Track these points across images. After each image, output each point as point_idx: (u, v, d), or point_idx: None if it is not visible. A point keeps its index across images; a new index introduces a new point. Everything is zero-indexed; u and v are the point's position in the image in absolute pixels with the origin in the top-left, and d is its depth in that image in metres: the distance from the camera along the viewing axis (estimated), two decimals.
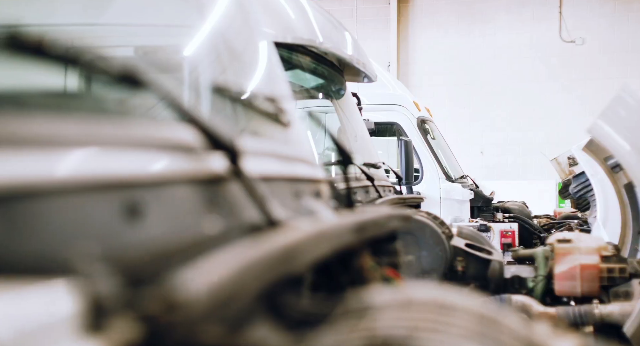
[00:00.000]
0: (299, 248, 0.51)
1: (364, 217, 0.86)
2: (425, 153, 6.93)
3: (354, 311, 0.54)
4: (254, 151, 0.78)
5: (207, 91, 0.83)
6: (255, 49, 1.24)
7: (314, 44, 2.96)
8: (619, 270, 2.73)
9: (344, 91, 3.87)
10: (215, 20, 1.20)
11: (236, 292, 0.41)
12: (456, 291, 0.68)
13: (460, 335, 0.51)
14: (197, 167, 0.58)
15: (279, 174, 0.87)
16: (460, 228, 3.13)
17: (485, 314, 0.58)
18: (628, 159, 2.33)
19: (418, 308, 0.55)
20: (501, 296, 2.91)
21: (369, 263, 1.12)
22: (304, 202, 0.98)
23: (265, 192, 0.69)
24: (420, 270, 2.75)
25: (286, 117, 1.06)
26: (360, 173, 3.16)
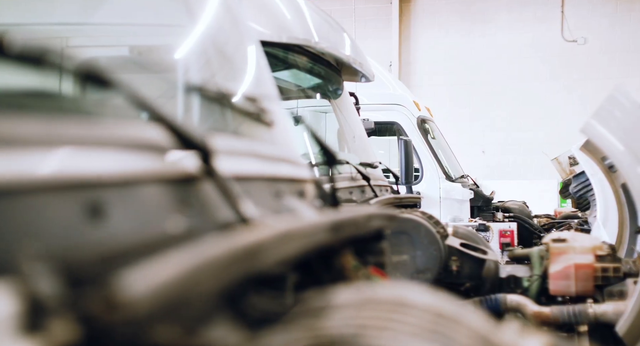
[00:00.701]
0: (263, 246, 0.52)
1: (341, 216, 0.87)
2: (425, 152, 6.94)
3: (310, 310, 0.55)
4: (229, 150, 0.78)
5: (186, 90, 0.84)
6: (240, 49, 1.25)
7: (309, 44, 2.97)
8: (613, 269, 2.73)
9: (341, 91, 3.88)
10: (197, 19, 1.21)
11: (185, 292, 0.41)
12: (423, 290, 0.69)
13: (410, 332, 0.51)
14: (165, 167, 0.59)
15: (258, 173, 0.88)
16: (455, 228, 3.13)
17: (445, 313, 0.59)
18: (621, 159, 2.33)
19: (375, 307, 0.56)
20: (496, 295, 2.91)
21: (351, 262, 1.13)
22: (285, 201, 0.99)
23: (237, 191, 0.69)
24: (414, 270, 2.75)
25: (269, 117, 1.07)
26: (356, 173, 3.16)
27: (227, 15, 1.31)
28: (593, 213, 6.42)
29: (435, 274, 2.75)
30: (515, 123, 13.38)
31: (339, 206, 1.33)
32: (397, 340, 0.49)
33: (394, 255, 2.77)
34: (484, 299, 2.92)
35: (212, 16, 1.28)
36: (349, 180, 3.12)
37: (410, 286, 0.68)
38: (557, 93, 12.72)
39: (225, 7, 1.29)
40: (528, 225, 6.93)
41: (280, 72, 3.34)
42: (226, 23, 1.30)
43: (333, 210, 1.07)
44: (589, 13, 12.64)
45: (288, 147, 1.17)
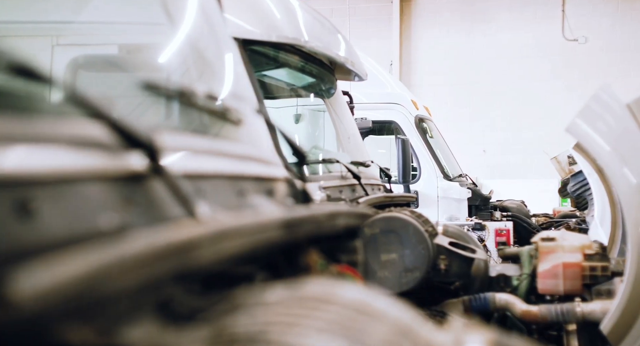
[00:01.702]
0: (194, 244, 0.53)
1: (297, 214, 0.88)
2: (422, 151, 6.95)
3: (229, 308, 0.55)
4: (184, 148, 0.79)
5: (145, 89, 0.85)
6: (210, 48, 1.26)
7: (299, 43, 2.98)
8: (601, 268, 2.73)
9: (334, 90, 3.89)
10: (168, 17, 1.22)
11: (90, 290, 0.42)
12: (358, 288, 0.69)
13: (320, 328, 0.52)
14: (105, 164, 0.60)
15: (217, 171, 0.89)
16: (445, 227, 3.13)
17: (367, 310, 0.59)
18: (607, 160, 2.33)
19: (298, 304, 0.57)
20: (485, 294, 2.92)
21: (317, 260, 1.14)
22: (248, 200, 1.00)
23: (186, 189, 0.70)
24: (402, 268, 2.76)
25: (236, 116, 1.08)
26: (347, 172, 3.18)
27: (201, 15, 1.32)
28: (591, 213, 6.41)
29: (423, 273, 2.75)
30: (516, 122, 13.36)
31: (310, 204, 1.35)
32: (302, 335, 0.50)
33: (382, 253, 2.78)
34: (473, 298, 2.92)
35: (184, 15, 1.29)
36: (339, 179, 3.14)
37: (347, 284, 0.69)
38: (557, 92, 12.70)
39: (200, 7, 1.31)
40: (526, 224, 6.94)
41: (271, 71, 3.36)
42: (198, 22, 1.31)
43: (298, 208, 1.08)
44: (589, 12, 12.61)
45: (257, 146, 1.18)
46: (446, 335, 0.72)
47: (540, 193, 11.68)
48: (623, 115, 2.28)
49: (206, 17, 1.32)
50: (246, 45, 2.83)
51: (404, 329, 0.59)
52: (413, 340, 0.57)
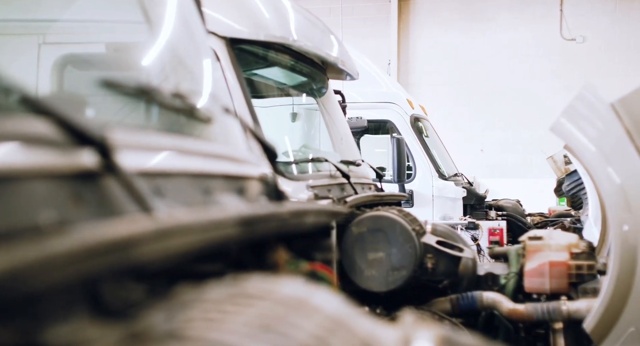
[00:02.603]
0: (134, 240, 0.53)
1: (257, 211, 0.89)
2: (418, 151, 6.95)
3: (159, 305, 0.56)
4: (143, 146, 0.80)
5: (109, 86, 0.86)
6: (185, 47, 1.27)
7: (287, 42, 2.99)
8: (587, 267, 2.74)
9: (325, 89, 3.89)
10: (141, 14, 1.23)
11: (6, 286, 0.42)
12: (299, 284, 0.70)
13: (243, 323, 0.52)
14: (50, 161, 0.61)
15: (180, 169, 0.89)
16: (434, 226, 3.14)
17: (299, 305, 0.60)
18: (591, 160, 2.34)
19: (227, 300, 0.57)
20: (472, 293, 2.93)
21: (284, 257, 1.15)
22: (214, 198, 1.01)
23: (139, 186, 0.71)
24: (390, 267, 2.77)
25: (206, 114, 1.09)
26: (336, 171, 3.18)
27: (176, 12, 1.33)
28: (585, 212, 6.42)
29: (410, 271, 2.76)
30: (514, 122, 13.37)
31: (284, 201, 1.35)
32: (223, 331, 0.51)
33: (370, 252, 2.79)
34: (460, 296, 2.93)
35: (159, 13, 1.30)
36: (328, 178, 3.14)
37: (288, 281, 0.70)
38: (556, 92, 12.69)
39: (175, 4, 1.32)
40: (521, 223, 6.94)
41: (262, 69, 3.37)
42: (173, 20, 1.32)
43: (263, 206, 1.08)
44: (588, 12, 12.61)
45: (228, 144, 1.19)
46: (395, 332, 0.73)
47: (539, 193, 11.68)
48: (607, 115, 2.28)
49: (182, 15, 1.32)
50: (234, 43, 2.84)
51: (336, 325, 0.59)
52: (344, 337, 0.58)
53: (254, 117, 2.77)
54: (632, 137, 2.26)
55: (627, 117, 2.27)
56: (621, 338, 2.23)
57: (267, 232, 0.95)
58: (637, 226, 2.24)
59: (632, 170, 2.28)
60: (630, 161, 2.27)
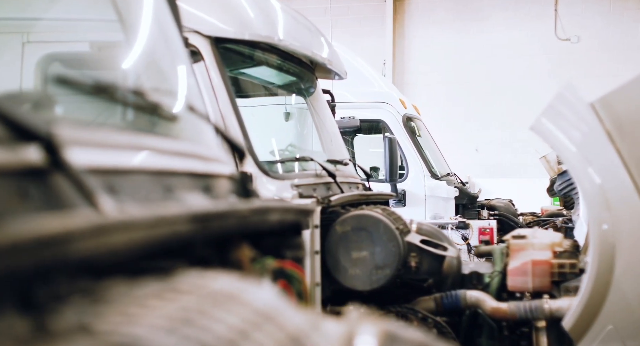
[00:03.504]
0: (67, 235, 0.54)
1: (212, 208, 0.89)
2: (410, 150, 6.95)
3: (81, 301, 0.56)
4: (92, 142, 0.81)
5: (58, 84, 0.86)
6: (155, 45, 1.28)
7: (272, 41, 3.00)
8: (569, 265, 2.76)
9: (314, 89, 3.90)
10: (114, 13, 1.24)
11: None
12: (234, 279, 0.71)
13: (163, 316, 0.53)
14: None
15: (137, 167, 0.90)
16: (420, 225, 3.15)
17: (225, 299, 0.60)
18: (571, 159, 2.35)
19: (151, 295, 0.58)
20: (456, 291, 2.94)
21: (248, 255, 1.16)
22: (176, 195, 1.02)
23: (88, 183, 0.72)
24: (373, 266, 2.78)
25: (172, 113, 1.10)
26: (322, 170, 3.19)
27: (146, 12, 1.34)
28: (577, 211, 6.43)
29: (394, 270, 2.77)
30: (510, 121, 13.38)
31: (251, 199, 1.36)
32: (137, 325, 0.51)
33: (354, 251, 2.80)
34: (444, 295, 2.95)
35: (130, 11, 1.31)
36: (313, 177, 3.15)
37: (223, 276, 0.70)
38: (551, 92, 12.67)
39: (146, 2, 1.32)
40: (513, 223, 6.96)
41: (248, 69, 3.37)
42: (144, 18, 1.33)
43: (226, 203, 1.09)
44: (582, 11, 12.64)
45: (196, 142, 1.20)
46: (339, 327, 0.74)
47: (534, 192, 11.70)
48: (587, 114, 2.30)
49: (153, 14, 1.33)
50: (219, 43, 2.85)
51: (263, 320, 0.60)
52: (270, 331, 0.58)
53: (238, 116, 2.77)
54: (613, 139, 2.28)
55: (607, 118, 2.28)
56: (599, 335, 2.25)
57: (225, 229, 0.96)
58: (616, 225, 2.26)
59: (611, 170, 2.29)
60: (610, 161, 2.29)
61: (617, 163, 2.26)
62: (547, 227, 6.51)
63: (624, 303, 2.22)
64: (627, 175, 2.24)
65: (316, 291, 2.76)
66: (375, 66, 12.87)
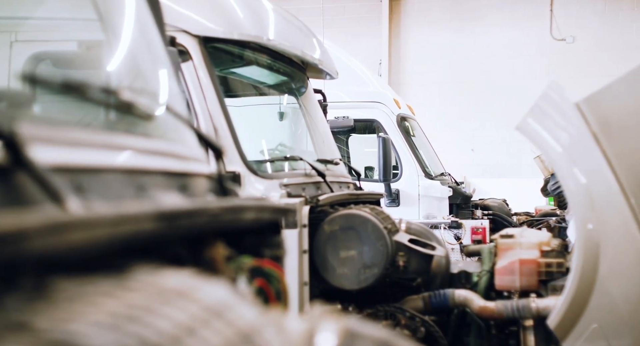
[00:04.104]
0: (20, 232, 0.54)
1: (181, 206, 0.90)
2: (404, 150, 6.96)
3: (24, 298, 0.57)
4: (58, 140, 0.81)
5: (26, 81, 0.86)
6: (136, 46, 1.28)
7: (261, 41, 3.00)
8: (556, 264, 2.77)
9: (305, 89, 3.90)
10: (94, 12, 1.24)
11: None
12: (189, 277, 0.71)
13: (104, 313, 0.53)
14: None
15: (107, 165, 0.91)
16: (408, 224, 3.16)
17: (176, 297, 0.61)
18: (556, 159, 2.36)
19: (99, 292, 0.59)
20: (444, 290, 2.95)
21: (222, 253, 1.16)
22: (149, 194, 1.02)
23: (53, 181, 0.73)
24: (361, 265, 2.79)
25: (147, 112, 1.10)
26: (311, 170, 3.20)
27: (126, 11, 1.34)
28: (570, 211, 6.45)
29: (382, 269, 2.78)
30: (506, 121, 13.37)
31: (231, 198, 1.37)
32: (76, 322, 0.52)
33: (342, 250, 2.81)
34: (433, 294, 2.96)
35: (107, 9, 1.31)
36: (303, 177, 3.16)
37: (177, 274, 0.71)
38: None
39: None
40: (507, 222, 6.97)
41: (238, 68, 3.38)
42: (122, 19, 1.33)
43: (197, 201, 1.09)
44: (577, 12, 12.66)
45: (173, 142, 1.20)
46: (300, 324, 0.75)
47: (530, 192, 11.72)
48: (572, 114, 2.31)
49: (133, 13, 1.34)
50: (207, 42, 2.85)
51: (213, 317, 0.61)
52: (219, 328, 0.59)
53: (227, 115, 2.78)
54: (598, 139, 2.29)
55: (592, 117, 2.29)
56: (584, 334, 2.26)
57: (196, 227, 0.96)
58: (600, 225, 2.27)
59: (597, 170, 2.30)
60: (595, 161, 2.30)
61: (602, 164, 2.27)
62: (540, 227, 6.53)
63: (608, 302, 2.23)
64: (612, 176, 2.26)
65: (304, 290, 2.76)
66: (371, 66, 12.88)
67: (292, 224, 2.77)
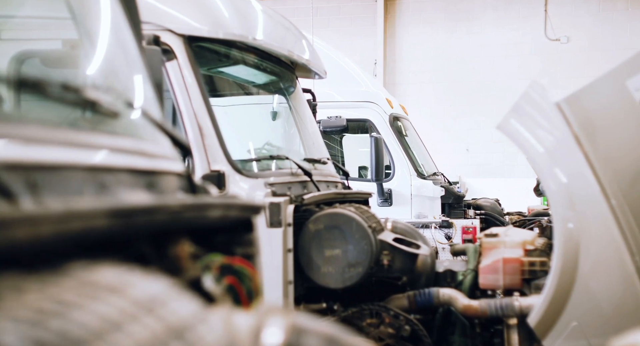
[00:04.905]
0: None
1: (137, 203, 0.90)
2: (397, 150, 6.97)
3: None
4: (11, 137, 0.81)
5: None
6: (105, 44, 1.29)
7: (246, 40, 3.01)
8: (540, 263, 2.78)
9: (293, 88, 3.91)
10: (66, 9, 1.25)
11: None
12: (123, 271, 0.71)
13: (27, 308, 0.54)
14: None
15: (65, 162, 0.91)
16: (394, 224, 3.17)
17: (107, 292, 0.61)
18: (537, 159, 2.37)
19: (27, 289, 0.59)
20: (429, 289, 2.96)
21: (187, 251, 1.17)
22: (110, 192, 1.03)
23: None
24: (346, 263, 2.80)
25: (112, 109, 1.11)
26: (297, 169, 3.20)
27: (97, 10, 1.35)
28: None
29: (366, 268, 2.79)
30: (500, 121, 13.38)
31: (200, 196, 1.37)
32: None
33: (326, 249, 2.82)
34: (418, 293, 2.97)
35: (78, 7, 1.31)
36: (289, 176, 3.16)
37: (113, 270, 0.71)
38: None
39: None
40: (499, 222, 6.99)
41: (225, 67, 3.38)
42: (91, 17, 1.34)
43: (155, 199, 1.09)
44: (572, 12, 12.69)
45: (139, 139, 1.21)
46: (247, 319, 0.75)
47: (525, 192, 11.73)
48: (553, 114, 2.32)
49: (103, 11, 1.34)
50: (193, 41, 2.86)
51: (142, 311, 0.61)
52: (148, 323, 0.59)
53: (211, 114, 2.78)
54: (578, 138, 2.30)
55: (572, 117, 2.30)
56: (564, 332, 2.27)
57: (156, 224, 0.97)
58: (580, 224, 2.28)
59: (577, 170, 2.31)
60: (575, 161, 2.31)
61: (582, 163, 2.28)
62: (532, 227, 6.54)
63: (587, 300, 2.24)
64: (592, 175, 2.27)
65: (289, 289, 2.77)
66: (366, 66, 12.89)
67: (277, 223, 2.78)
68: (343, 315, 2.86)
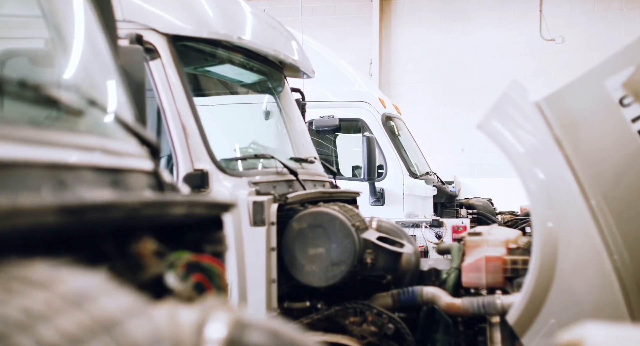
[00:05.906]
0: None
1: (89, 200, 0.91)
2: (389, 149, 6.98)
3: None
4: None
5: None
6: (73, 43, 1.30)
7: (231, 39, 3.01)
8: (522, 262, 2.79)
9: (282, 87, 3.92)
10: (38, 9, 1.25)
11: None
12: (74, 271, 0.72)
13: None
14: None
15: (22, 159, 0.92)
16: (379, 223, 3.18)
17: (34, 286, 0.62)
18: (517, 159, 2.38)
19: None
20: (413, 287, 2.97)
21: (149, 248, 1.17)
22: (70, 189, 1.03)
23: None
24: (329, 262, 2.81)
25: (74, 107, 1.12)
26: (283, 168, 3.21)
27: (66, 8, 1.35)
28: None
29: (349, 266, 2.80)
30: None
31: (170, 194, 1.38)
32: None
33: (310, 248, 2.83)
34: (401, 291, 2.98)
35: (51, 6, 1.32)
36: (275, 175, 3.17)
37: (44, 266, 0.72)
38: (537, 91, 12.76)
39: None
40: (491, 221, 7.00)
41: (211, 67, 3.39)
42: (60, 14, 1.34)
43: (113, 196, 1.10)
44: (567, 12, 12.71)
45: (100, 136, 1.21)
46: (191, 314, 0.76)
47: (521, 191, 11.74)
48: (532, 114, 2.33)
49: (73, 9, 1.35)
50: (177, 40, 2.86)
51: (70, 306, 0.61)
52: (75, 316, 0.60)
53: (195, 113, 2.79)
54: (558, 138, 2.31)
55: (552, 116, 2.31)
56: (542, 329, 2.28)
57: (114, 221, 0.97)
58: (559, 222, 2.29)
59: (556, 169, 2.32)
60: (554, 161, 2.32)
61: (561, 163, 2.29)
62: (524, 226, 6.55)
63: (566, 298, 2.25)
64: (571, 175, 2.28)
65: (272, 287, 2.78)
66: (361, 66, 12.90)
67: (260, 222, 2.79)
68: (326, 314, 2.87)
